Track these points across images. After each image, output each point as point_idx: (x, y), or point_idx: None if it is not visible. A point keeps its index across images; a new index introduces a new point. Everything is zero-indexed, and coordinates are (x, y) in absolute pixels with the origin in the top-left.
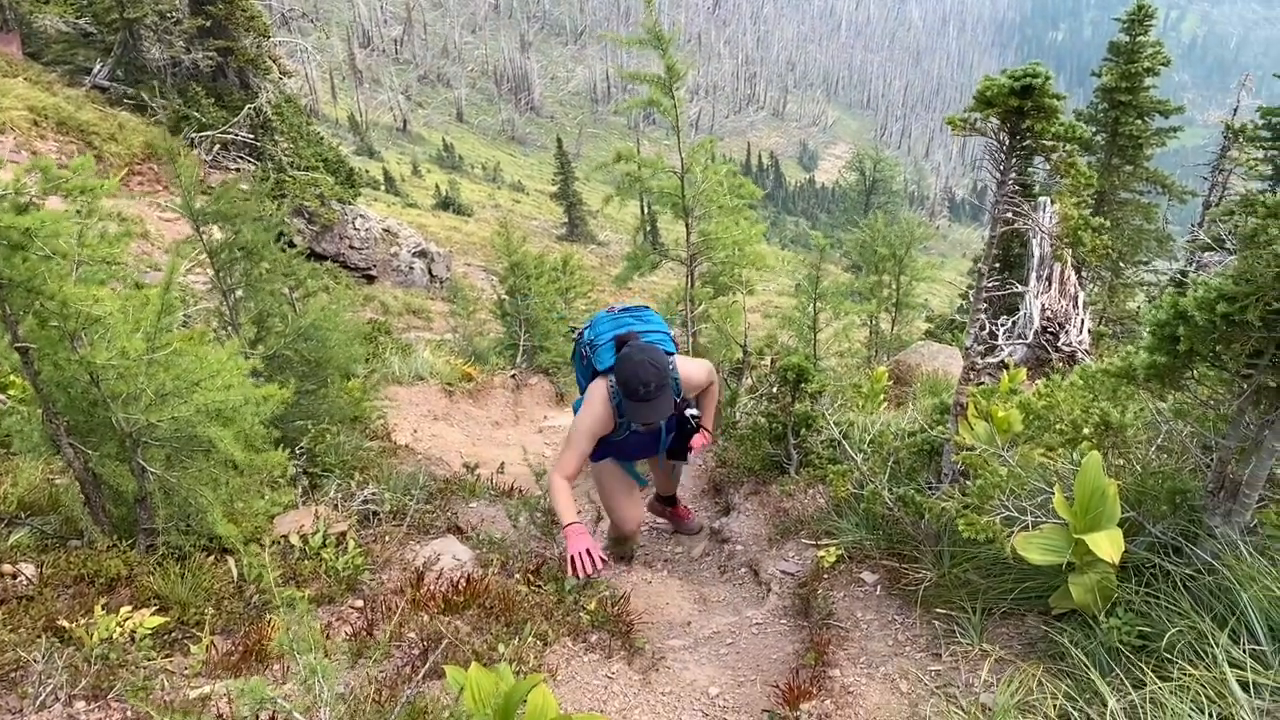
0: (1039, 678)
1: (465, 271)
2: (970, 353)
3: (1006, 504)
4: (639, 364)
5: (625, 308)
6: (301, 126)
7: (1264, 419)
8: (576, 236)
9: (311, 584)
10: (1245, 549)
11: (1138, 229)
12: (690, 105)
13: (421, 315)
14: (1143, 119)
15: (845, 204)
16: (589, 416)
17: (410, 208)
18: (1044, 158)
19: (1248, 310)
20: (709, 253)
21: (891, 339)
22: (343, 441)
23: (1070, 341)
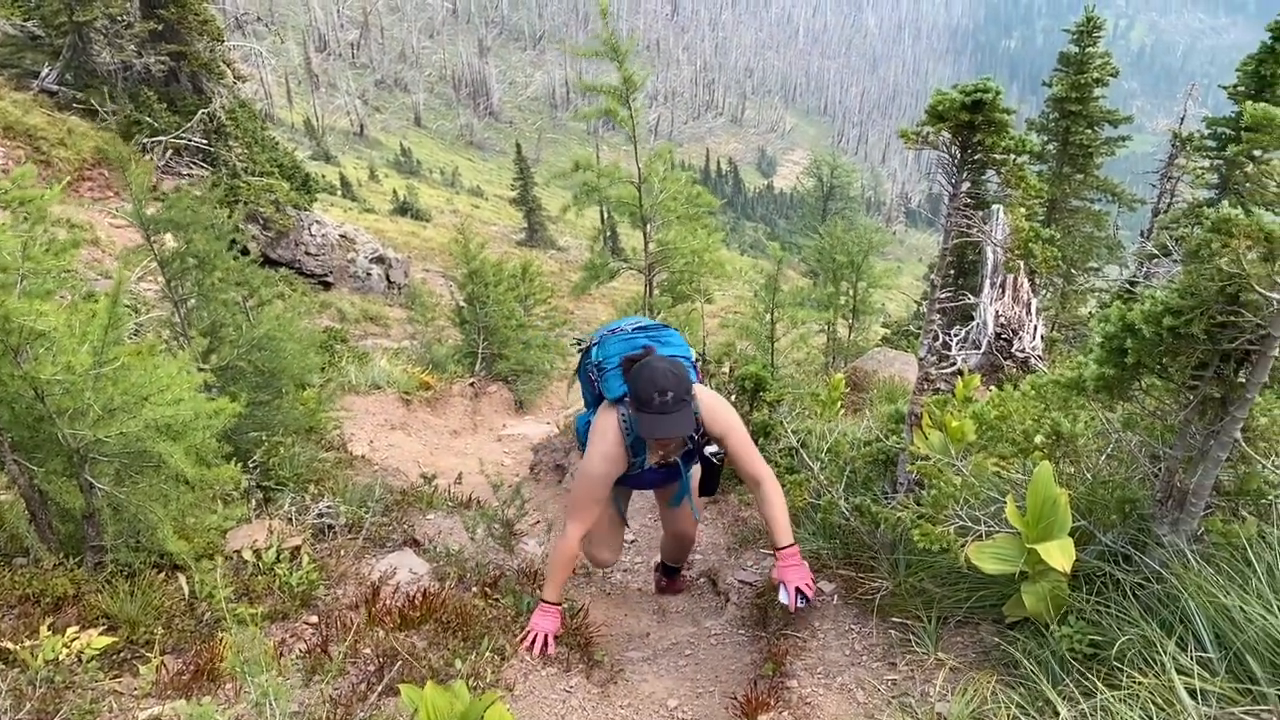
0: (993, 687)
1: (424, 277)
2: (924, 363)
3: (960, 513)
4: (657, 370)
5: (641, 325)
6: (256, 131)
7: (1209, 429)
8: (536, 242)
9: (265, 600)
10: (1192, 557)
11: (1089, 236)
12: (649, 111)
13: (379, 322)
14: (1093, 128)
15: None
16: (599, 458)
17: (368, 213)
18: (995, 170)
19: (1193, 324)
20: (667, 261)
21: (849, 345)
22: (297, 453)
23: (1024, 348)
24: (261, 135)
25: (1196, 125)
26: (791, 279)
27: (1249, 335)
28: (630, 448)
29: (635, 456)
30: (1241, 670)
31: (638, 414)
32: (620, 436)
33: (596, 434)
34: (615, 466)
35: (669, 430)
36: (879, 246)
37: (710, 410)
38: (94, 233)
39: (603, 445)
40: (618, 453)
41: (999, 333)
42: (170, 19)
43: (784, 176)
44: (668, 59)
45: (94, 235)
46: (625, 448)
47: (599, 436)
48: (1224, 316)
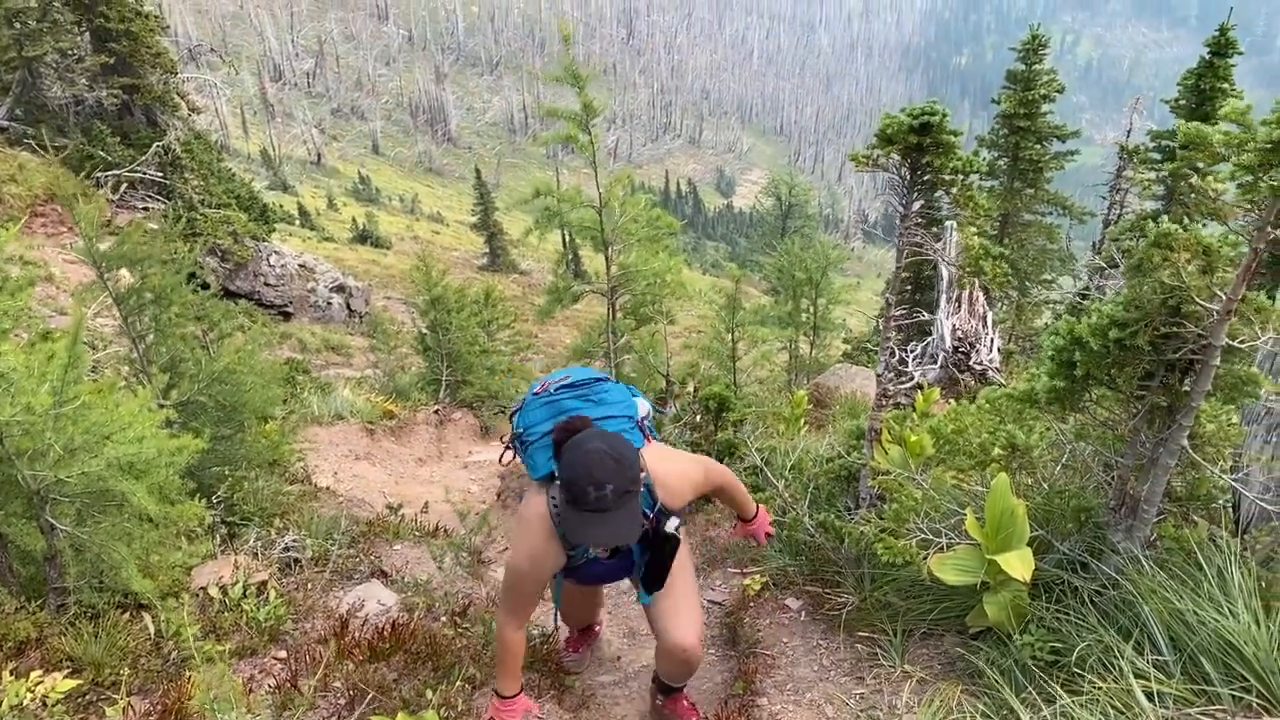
0: (958, 697)
1: (385, 305)
2: (882, 379)
3: (922, 526)
4: (591, 454)
5: (566, 383)
6: (212, 163)
7: (1158, 437)
8: (498, 266)
9: (233, 636)
10: (1146, 563)
11: (1041, 249)
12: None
13: (341, 352)
14: (1041, 143)
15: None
16: (524, 553)
17: (327, 241)
18: (944, 191)
19: (1137, 335)
20: (629, 284)
21: (811, 362)
22: (261, 487)
23: (981, 360)
24: (217, 167)
25: (1142, 138)
26: (753, 297)
27: (1191, 345)
28: (565, 539)
29: (573, 549)
30: (1196, 671)
31: (569, 511)
32: (550, 528)
33: (521, 523)
34: (546, 564)
35: (607, 537)
36: (837, 263)
37: (667, 486)
38: (48, 269)
39: (529, 539)
40: (547, 548)
41: (956, 346)
42: (122, 52)
43: (743, 196)
44: (625, 82)
45: (48, 272)
46: (557, 541)
47: (523, 527)
48: (1167, 328)
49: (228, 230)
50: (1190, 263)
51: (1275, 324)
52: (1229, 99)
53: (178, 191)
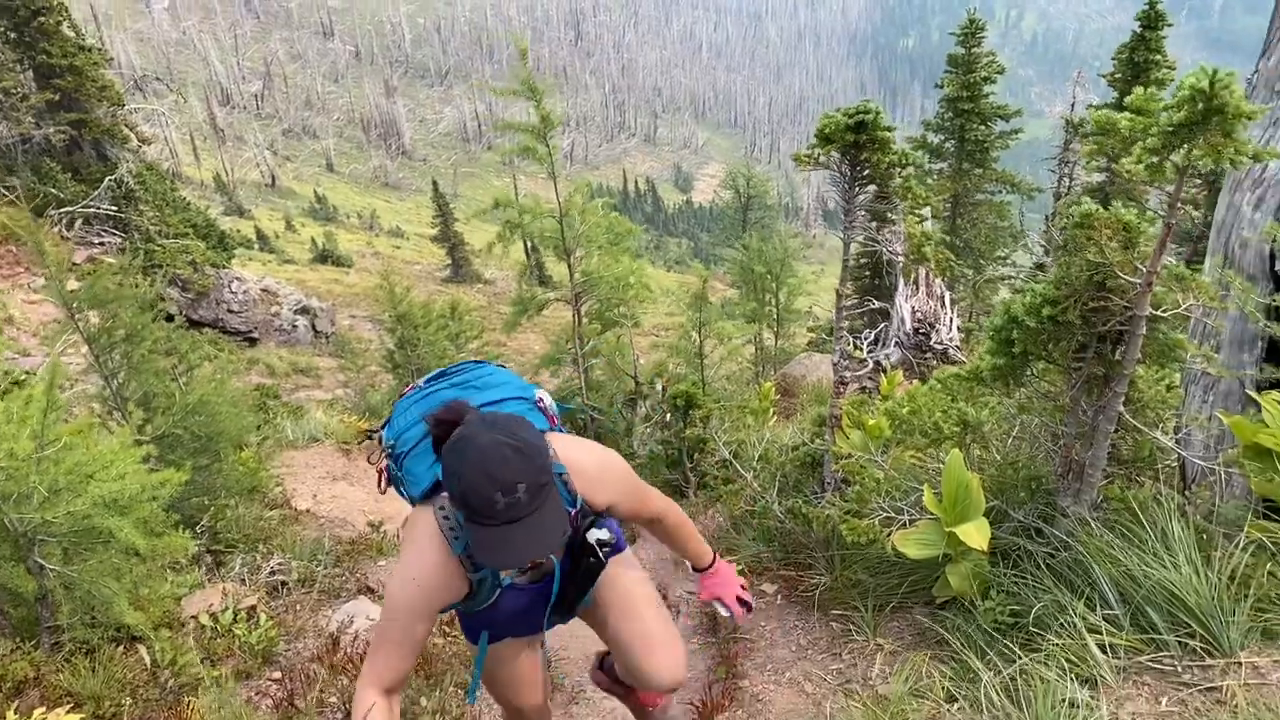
0: (927, 665)
1: (351, 324)
2: (838, 367)
3: (884, 505)
4: (487, 450)
5: (438, 372)
6: (166, 193)
7: (1096, 405)
8: (462, 277)
9: (226, 661)
10: (1095, 524)
11: (993, 227)
12: (562, 138)
13: (310, 374)
14: (986, 124)
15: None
16: (407, 580)
17: (287, 264)
18: (881, 185)
19: (1069, 311)
20: (593, 290)
21: (776, 353)
22: (243, 514)
23: (942, 340)
24: (172, 196)
25: (1086, 111)
26: (719, 290)
27: (1119, 317)
28: (468, 559)
29: (475, 570)
30: (1145, 622)
31: (472, 530)
32: (445, 546)
33: (406, 546)
34: (438, 594)
35: (533, 548)
36: (797, 254)
37: (584, 475)
38: (7, 311)
39: (415, 563)
40: (441, 572)
41: (917, 328)
42: (67, 88)
43: (702, 191)
44: (575, 84)
45: (7, 313)
46: (456, 562)
47: (408, 550)
48: (1095, 302)
49: (187, 260)
50: (1112, 240)
51: (1196, 292)
52: (1161, 70)
53: (133, 224)
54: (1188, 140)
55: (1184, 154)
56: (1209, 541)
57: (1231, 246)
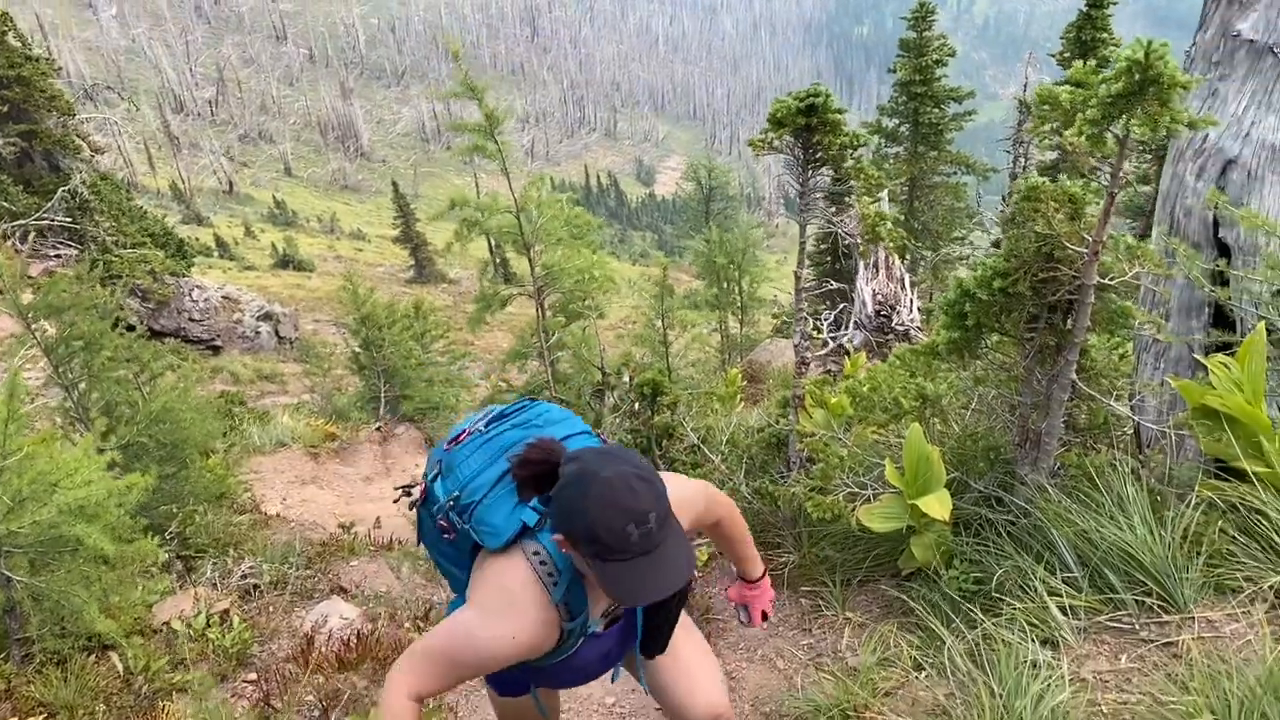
0: (894, 635)
1: (315, 328)
2: (799, 349)
3: (848, 481)
4: (614, 481)
5: (492, 417)
6: (122, 203)
7: (1049, 375)
8: (426, 278)
9: (200, 665)
10: (1053, 490)
11: (950, 208)
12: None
13: (275, 380)
14: (939, 107)
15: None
16: (505, 639)
17: (248, 270)
18: (834, 167)
19: (1019, 283)
20: (556, 283)
21: (742, 340)
22: (212, 520)
23: (903, 321)
24: (128, 206)
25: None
26: (685, 282)
27: (1068, 287)
28: (565, 606)
29: (573, 618)
30: (1103, 583)
31: (605, 565)
32: (544, 599)
33: (496, 599)
34: (533, 650)
35: (669, 581)
36: (759, 243)
37: (677, 499)
38: None
39: (515, 618)
40: (541, 627)
41: (878, 310)
42: (15, 99)
43: (664, 184)
44: (534, 81)
45: None
46: (554, 614)
47: (504, 603)
48: (1044, 273)
49: (145, 269)
50: (1058, 212)
51: (1143, 260)
52: (1108, 47)
53: (89, 235)
54: (1126, 111)
55: (1123, 124)
56: (1163, 503)
57: (1176, 216)
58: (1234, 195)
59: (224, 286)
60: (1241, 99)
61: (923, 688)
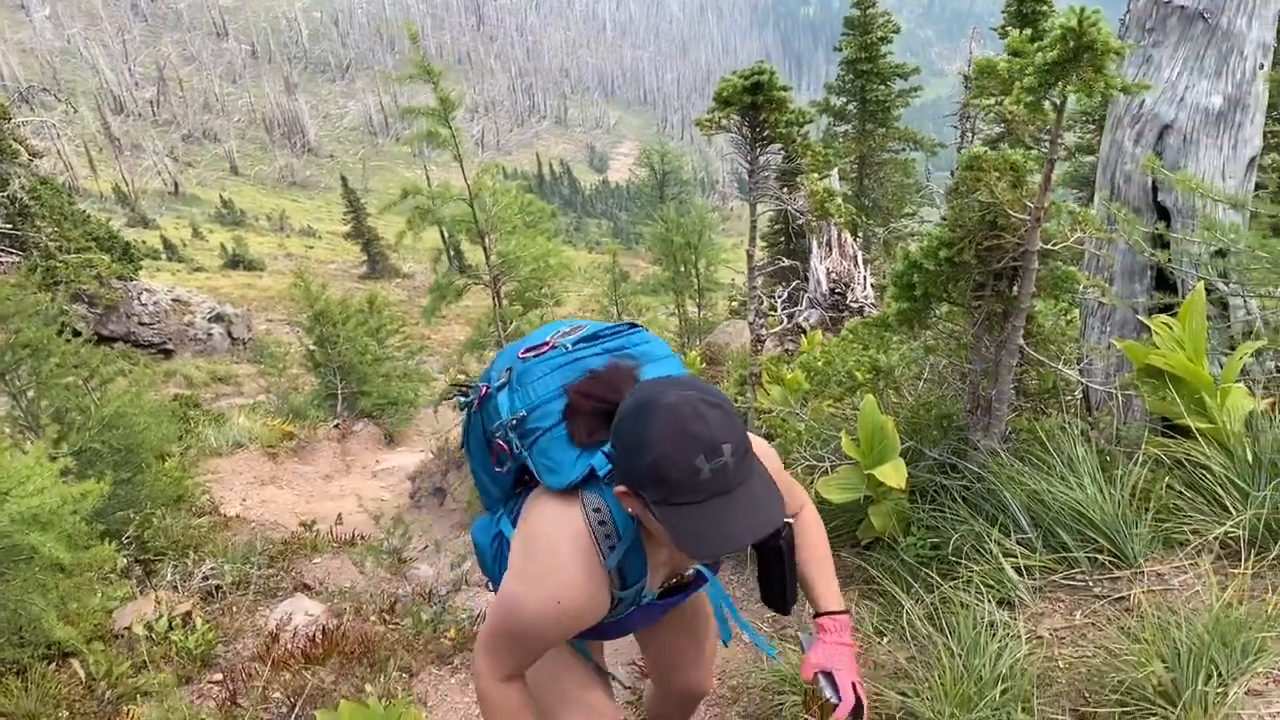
0: (857, 602)
1: (268, 328)
2: (753, 326)
3: (806, 455)
4: (679, 409)
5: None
6: (64, 207)
7: (997, 341)
8: (379, 273)
9: (165, 668)
10: (1005, 455)
11: (899, 184)
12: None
13: (230, 382)
14: (886, 84)
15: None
16: (548, 602)
17: (198, 272)
18: (783, 145)
19: (964, 252)
20: (512, 271)
21: (700, 322)
22: (171, 523)
23: (857, 298)
24: (70, 210)
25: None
26: (642, 269)
27: (1012, 254)
28: (619, 573)
29: (626, 587)
30: (1056, 542)
31: (674, 513)
32: (594, 556)
33: (540, 551)
34: (581, 620)
35: (754, 526)
36: (714, 226)
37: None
38: None
39: (562, 576)
40: (591, 591)
41: (832, 288)
42: None
43: (617, 170)
44: (481, 70)
45: None
46: (605, 577)
47: (547, 557)
48: (989, 241)
49: (91, 274)
50: (1001, 180)
51: (1084, 226)
52: (1049, 19)
53: (31, 241)
54: (1062, 78)
55: (1059, 91)
56: (1112, 462)
57: (1116, 182)
58: (1171, 160)
59: (173, 289)
60: (1175, 64)
61: (885, 652)
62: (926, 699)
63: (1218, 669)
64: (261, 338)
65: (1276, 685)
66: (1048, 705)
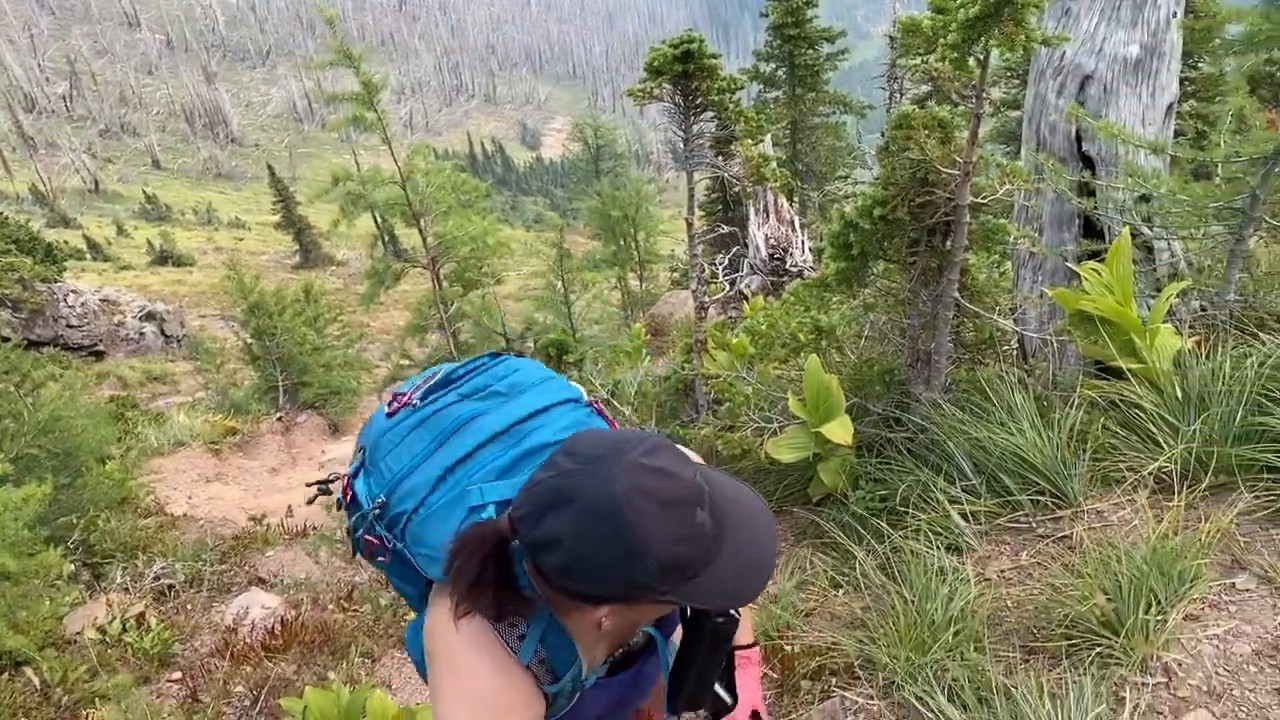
0: (810, 557)
1: (202, 324)
2: (696, 294)
3: (754, 418)
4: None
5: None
6: None
7: (934, 296)
8: (313, 262)
9: (121, 670)
10: (946, 405)
11: (831, 148)
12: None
13: (166, 380)
14: (813, 48)
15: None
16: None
17: (125, 270)
18: (715, 112)
19: (897, 209)
20: (450, 252)
21: (643, 294)
22: (116, 525)
23: (796, 263)
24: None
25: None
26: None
27: (944, 209)
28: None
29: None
30: (999, 487)
31: (694, 585)
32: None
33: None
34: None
35: (770, 546)
36: (651, 197)
37: None
38: None
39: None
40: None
41: (771, 254)
42: None
43: (550, 146)
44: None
45: None
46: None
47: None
48: (920, 197)
49: (14, 278)
50: (930, 137)
51: (1012, 177)
52: None
53: None
54: (984, 32)
55: (982, 45)
56: (1049, 406)
57: (1042, 133)
58: (1092, 109)
59: (101, 289)
60: (1093, 16)
61: (840, 603)
62: (883, 645)
63: (1157, 597)
64: (196, 334)
65: (1213, 609)
66: (998, 643)
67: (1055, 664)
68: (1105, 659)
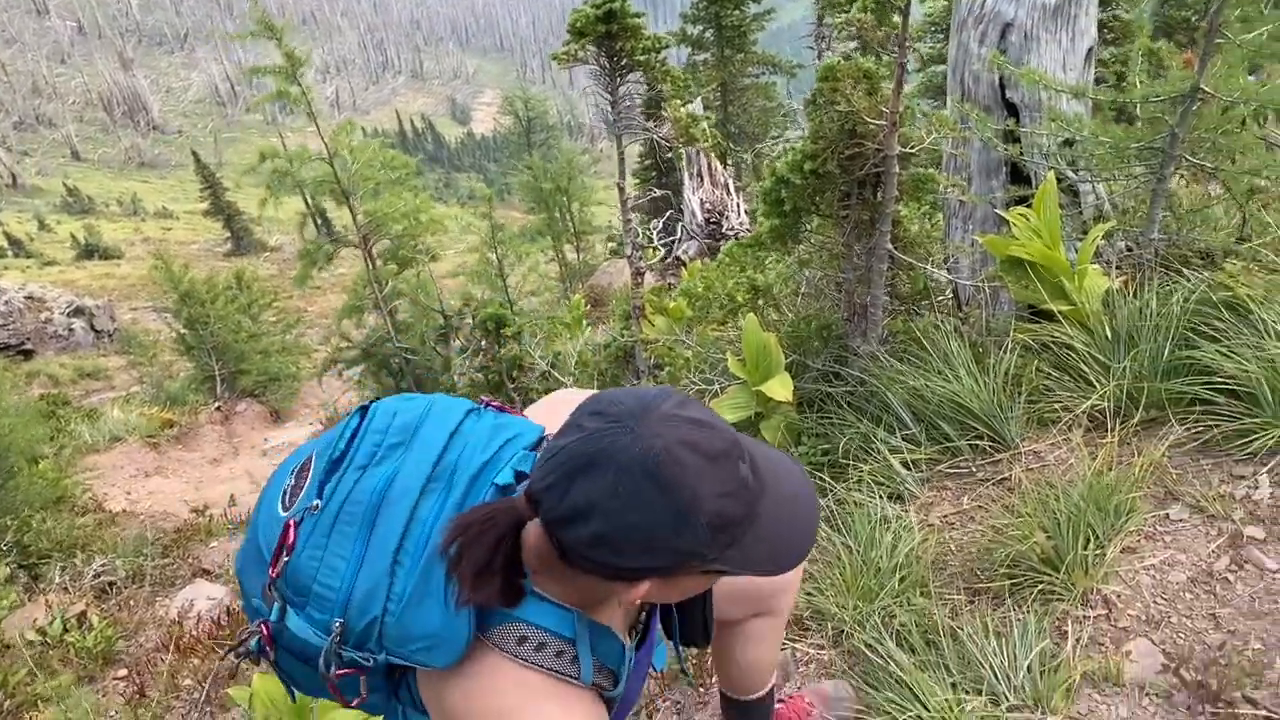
0: None
1: (133, 317)
2: (632, 260)
3: (695, 379)
4: (684, 432)
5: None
6: None
7: (867, 248)
8: (245, 248)
9: (63, 670)
10: (884, 357)
11: (762, 109)
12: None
13: (99, 376)
14: (740, 8)
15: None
16: None
17: (50, 266)
18: (642, 72)
19: (827, 162)
20: (382, 230)
21: (580, 265)
22: (53, 525)
23: (733, 225)
24: None
25: None
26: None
27: (873, 160)
28: (602, 673)
29: (616, 684)
30: (939, 434)
31: (740, 550)
32: (567, 688)
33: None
34: None
35: (809, 493)
36: (585, 168)
37: None
38: None
39: None
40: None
41: (708, 218)
42: None
43: (481, 121)
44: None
45: None
46: (593, 692)
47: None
48: (849, 150)
49: None
50: (856, 89)
51: (938, 126)
52: None
53: None
54: None
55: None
56: (984, 352)
57: (966, 82)
58: (1014, 56)
59: (25, 286)
60: None
61: None
62: (831, 595)
63: (1094, 532)
64: (128, 327)
65: (1148, 540)
66: (944, 586)
67: (999, 603)
68: (1047, 595)
